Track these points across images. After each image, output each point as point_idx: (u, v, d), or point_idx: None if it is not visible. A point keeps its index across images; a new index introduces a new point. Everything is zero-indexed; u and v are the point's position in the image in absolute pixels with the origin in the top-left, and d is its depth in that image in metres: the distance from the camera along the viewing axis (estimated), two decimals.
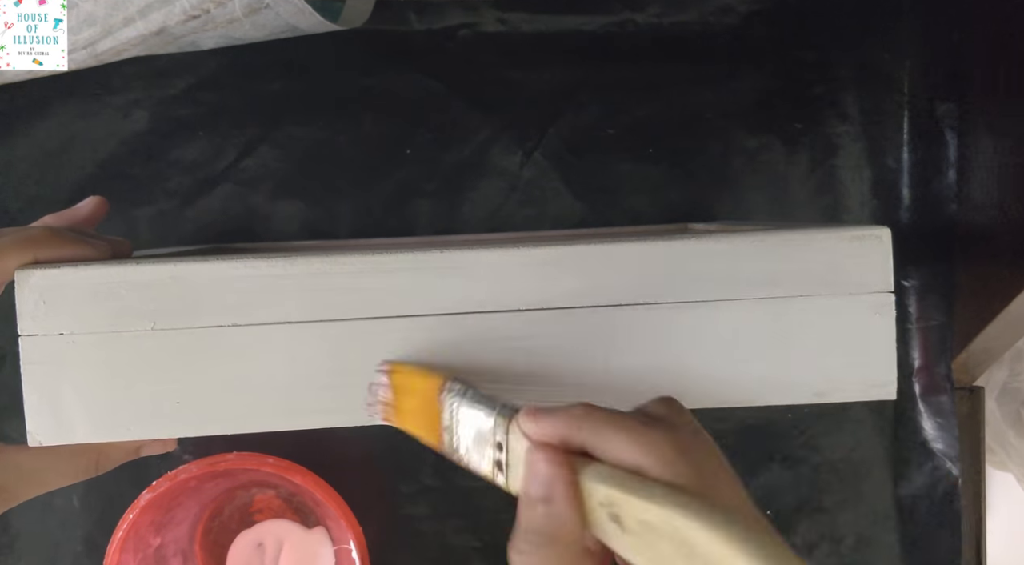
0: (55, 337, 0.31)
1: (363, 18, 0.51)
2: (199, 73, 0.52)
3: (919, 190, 0.54)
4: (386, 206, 0.53)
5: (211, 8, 0.42)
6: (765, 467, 0.54)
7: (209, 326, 0.31)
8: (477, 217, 0.53)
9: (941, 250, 0.54)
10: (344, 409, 0.32)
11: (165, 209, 0.52)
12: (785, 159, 0.54)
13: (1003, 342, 0.52)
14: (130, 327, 0.31)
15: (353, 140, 0.53)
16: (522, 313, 0.32)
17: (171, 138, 0.52)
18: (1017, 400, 0.67)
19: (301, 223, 0.53)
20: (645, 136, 0.54)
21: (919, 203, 0.54)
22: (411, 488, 0.54)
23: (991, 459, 0.69)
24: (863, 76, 0.54)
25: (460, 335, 0.32)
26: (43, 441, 0.31)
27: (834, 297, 0.32)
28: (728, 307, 0.32)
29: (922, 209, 0.54)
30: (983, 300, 0.52)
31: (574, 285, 0.32)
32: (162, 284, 0.31)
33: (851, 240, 0.32)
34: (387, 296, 0.31)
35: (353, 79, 0.53)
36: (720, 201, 0.54)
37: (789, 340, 0.32)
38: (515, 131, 0.53)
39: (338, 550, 0.53)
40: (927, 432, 0.55)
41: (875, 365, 0.32)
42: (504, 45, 0.53)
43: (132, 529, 0.46)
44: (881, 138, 0.54)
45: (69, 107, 0.52)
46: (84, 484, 0.53)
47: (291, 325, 0.31)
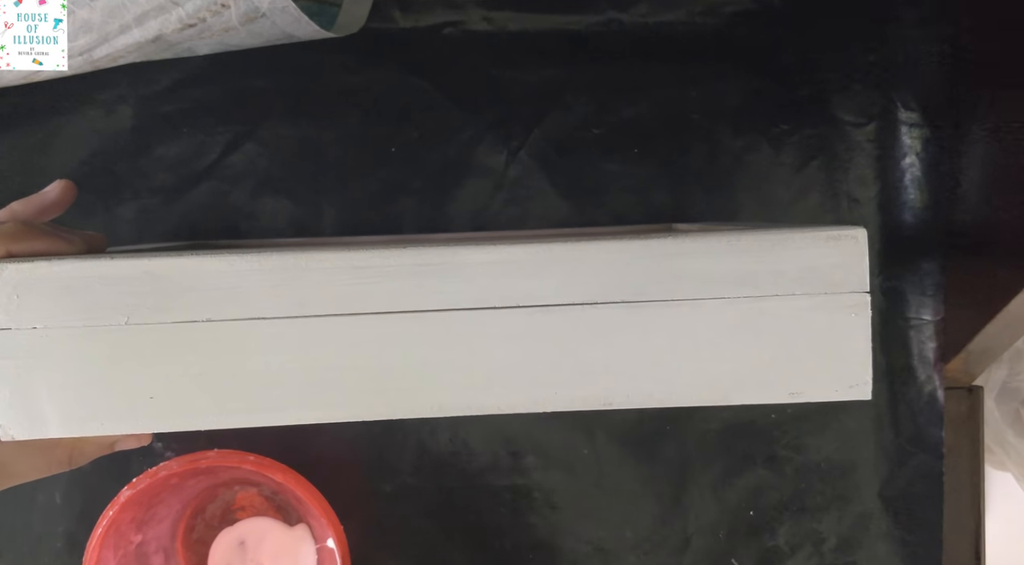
0: (28, 331, 0.31)
1: (358, 25, 0.51)
2: (184, 70, 0.52)
3: (907, 191, 0.54)
4: (371, 204, 0.53)
5: (207, 17, 0.42)
6: (748, 468, 0.55)
7: (183, 321, 0.31)
8: (462, 215, 0.53)
9: (928, 249, 0.55)
10: (318, 405, 0.32)
11: (149, 206, 0.52)
12: (771, 160, 0.54)
13: (1002, 342, 0.53)
14: (103, 322, 0.31)
15: (338, 138, 0.53)
16: (500, 311, 0.32)
17: (155, 135, 0.52)
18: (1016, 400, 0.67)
19: (286, 220, 0.53)
20: (631, 136, 0.54)
21: (907, 203, 0.55)
22: (394, 487, 0.54)
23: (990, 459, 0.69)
24: (849, 77, 0.54)
25: (438, 332, 0.32)
26: (15, 435, 0.31)
27: (810, 297, 0.32)
28: (704, 306, 0.32)
29: (910, 209, 0.54)
30: (978, 300, 0.52)
31: (553, 283, 0.32)
32: (136, 279, 0.31)
33: (827, 240, 0.32)
34: (363, 293, 0.31)
35: (338, 77, 0.53)
36: (706, 202, 0.54)
37: (764, 340, 0.32)
38: (500, 130, 0.53)
39: (320, 548, 0.53)
40: (912, 431, 0.55)
41: (850, 365, 0.32)
42: (490, 44, 0.53)
43: (112, 526, 0.46)
44: (867, 139, 0.54)
45: (53, 103, 0.52)
46: (66, 481, 0.53)
47: (265, 321, 0.31)
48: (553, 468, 0.54)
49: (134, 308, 0.31)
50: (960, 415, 0.56)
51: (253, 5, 0.42)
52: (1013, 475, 0.71)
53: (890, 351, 0.55)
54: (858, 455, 0.55)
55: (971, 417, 0.57)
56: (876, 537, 0.55)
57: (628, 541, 0.54)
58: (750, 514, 0.55)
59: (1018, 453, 0.69)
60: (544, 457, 0.54)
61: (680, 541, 0.55)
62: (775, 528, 0.55)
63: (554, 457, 0.54)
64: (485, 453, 0.54)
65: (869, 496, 0.55)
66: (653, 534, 0.55)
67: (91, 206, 0.52)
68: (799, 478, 0.55)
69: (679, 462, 0.54)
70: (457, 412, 0.32)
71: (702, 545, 0.55)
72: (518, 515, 0.54)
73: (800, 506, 0.55)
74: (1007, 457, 0.70)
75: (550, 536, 0.54)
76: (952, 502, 0.56)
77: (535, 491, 0.54)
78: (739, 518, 0.55)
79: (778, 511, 0.55)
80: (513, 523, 0.54)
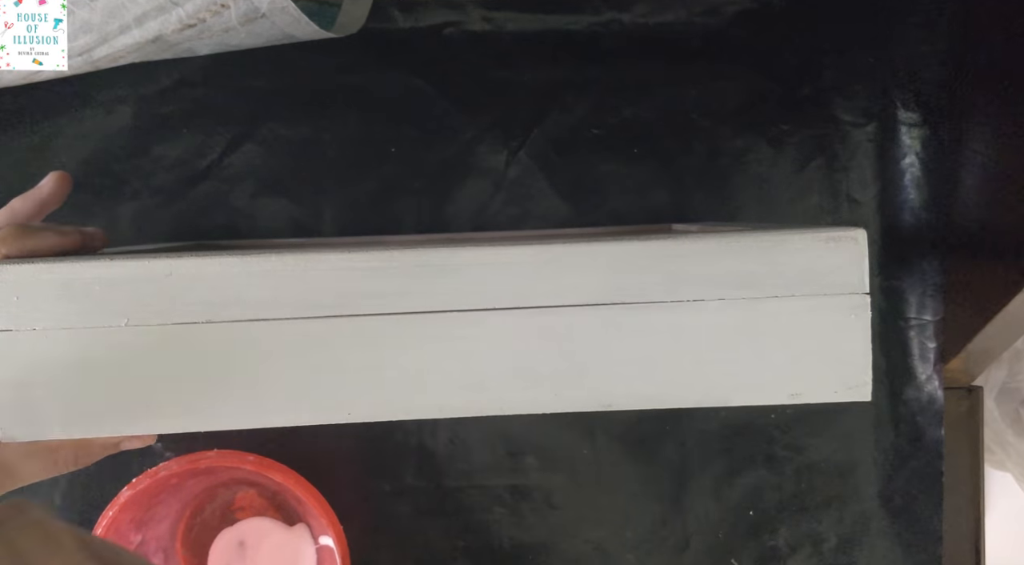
0: (28, 333, 0.31)
1: (358, 25, 0.51)
2: (183, 70, 0.52)
3: (907, 191, 0.54)
4: (371, 204, 0.53)
5: (207, 17, 0.42)
6: (749, 468, 0.55)
7: (183, 322, 0.31)
8: (462, 216, 0.53)
9: (928, 249, 0.55)
10: (318, 406, 0.32)
11: (148, 206, 0.52)
12: (771, 160, 0.54)
13: (1002, 342, 0.53)
14: (104, 323, 0.31)
15: (338, 138, 0.53)
16: (500, 311, 0.32)
17: (155, 135, 0.52)
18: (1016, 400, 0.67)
19: (285, 221, 0.53)
20: (630, 136, 0.54)
21: (907, 203, 0.55)
22: (394, 487, 0.54)
23: (990, 459, 0.69)
24: (849, 77, 0.54)
25: (437, 333, 0.32)
26: (15, 437, 0.31)
27: (810, 298, 0.32)
28: (703, 307, 0.32)
29: (910, 209, 0.54)
30: (978, 300, 0.52)
31: (553, 284, 0.32)
32: (136, 280, 0.31)
33: (827, 241, 0.32)
34: (363, 294, 0.31)
35: (338, 77, 0.53)
36: (706, 202, 0.54)
37: (764, 341, 0.32)
38: (500, 130, 0.53)
39: (320, 548, 0.53)
40: (912, 431, 0.55)
41: (850, 366, 0.32)
42: (489, 44, 0.53)
43: (111, 526, 0.46)
44: (867, 139, 0.54)
45: (53, 103, 0.52)
46: (66, 481, 0.53)
47: (265, 322, 0.31)
48: (553, 468, 0.54)
49: (134, 309, 0.31)
50: (960, 415, 0.57)
51: (253, 5, 0.42)
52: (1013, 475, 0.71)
53: (890, 351, 0.55)
54: (858, 455, 0.55)
55: (971, 417, 0.57)
56: (876, 537, 0.55)
57: (628, 541, 0.54)
58: (750, 514, 0.55)
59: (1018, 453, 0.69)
60: (544, 457, 0.54)
61: (680, 541, 0.55)
62: (775, 528, 0.55)
63: (554, 457, 0.54)
64: (485, 453, 0.54)
65: (869, 496, 0.55)
66: (653, 534, 0.55)
67: (91, 206, 0.52)
68: (799, 478, 0.55)
69: (679, 462, 0.54)
70: (457, 413, 0.32)
71: (702, 545, 0.55)
72: (518, 515, 0.54)
73: (800, 506, 0.55)
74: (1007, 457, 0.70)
75: (550, 536, 0.54)
76: (952, 502, 0.56)
77: (535, 491, 0.54)
78: (739, 518, 0.55)
79: (778, 511, 0.55)
80: (513, 523, 0.54)
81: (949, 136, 0.54)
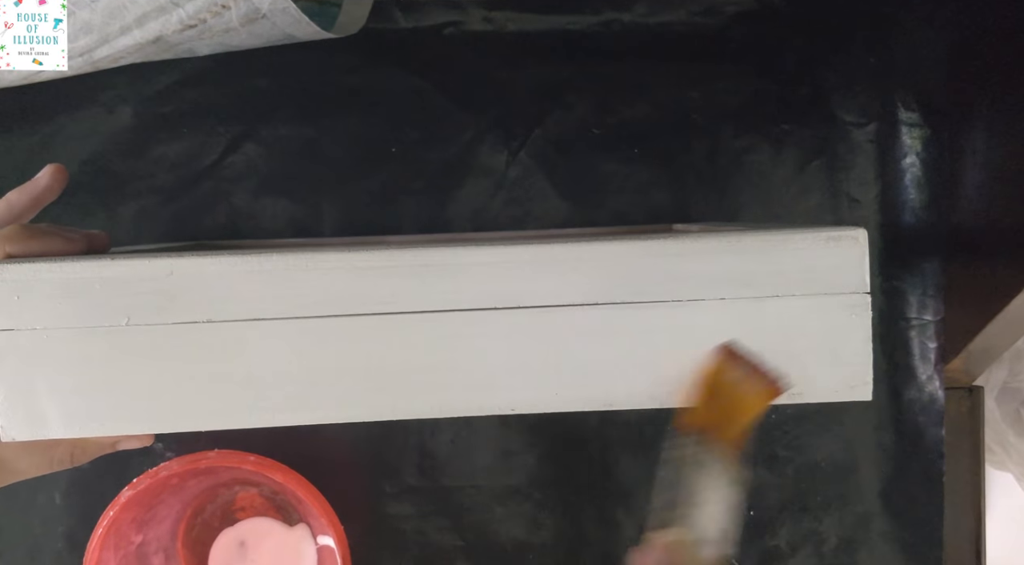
0: (29, 332, 0.31)
1: (358, 26, 0.51)
2: (184, 70, 0.52)
3: (907, 191, 0.54)
4: (372, 204, 0.53)
5: (208, 18, 0.42)
6: (749, 468, 0.54)
7: (183, 322, 0.31)
8: (462, 216, 0.53)
9: (928, 249, 0.55)
10: (318, 406, 0.32)
11: (149, 206, 0.52)
12: (771, 160, 0.54)
13: (1002, 342, 0.53)
14: (104, 322, 0.31)
15: (338, 138, 0.53)
16: (500, 311, 0.32)
17: (155, 135, 0.52)
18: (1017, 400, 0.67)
19: (286, 221, 0.53)
20: (631, 136, 0.54)
21: (907, 203, 0.55)
22: (394, 487, 0.54)
23: (991, 459, 0.69)
24: (849, 77, 0.54)
25: (438, 333, 0.32)
26: (15, 436, 0.31)
27: (810, 297, 0.32)
28: (704, 307, 0.32)
29: (910, 209, 0.54)
30: (978, 300, 0.52)
31: (553, 283, 0.32)
32: (136, 280, 0.31)
33: (827, 241, 0.32)
34: (363, 294, 0.31)
35: (339, 77, 0.53)
36: (706, 202, 0.54)
37: (765, 340, 0.32)
38: (501, 130, 0.53)
39: (320, 548, 0.53)
40: (913, 432, 0.55)
41: (851, 366, 0.32)
42: (490, 44, 0.53)
43: (113, 526, 0.46)
44: (867, 139, 0.54)
45: (53, 102, 0.52)
46: (66, 481, 0.53)
47: (265, 322, 0.31)
48: (553, 468, 0.54)
49: (135, 309, 0.31)
50: (960, 415, 0.56)
51: (253, 6, 0.42)
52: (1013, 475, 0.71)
53: (890, 351, 0.55)
54: (858, 455, 0.55)
55: (971, 417, 0.57)
56: (876, 537, 0.55)
57: (628, 541, 0.54)
58: (750, 514, 0.55)
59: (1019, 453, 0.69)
60: (544, 457, 0.54)
61: None
62: (775, 528, 0.55)
63: (554, 457, 0.54)
64: (485, 453, 0.54)
65: (869, 496, 0.55)
66: None
67: (91, 206, 0.52)
68: (799, 478, 0.55)
69: None
70: (457, 412, 0.32)
71: None
72: (518, 515, 0.54)
73: (800, 506, 0.55)
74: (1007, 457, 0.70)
75: (550, 536, 0.54)
76: (952, 502, 0.56)
77: (535, 491, 0.54)
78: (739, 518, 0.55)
79: (778, 511, 0.55)
80: (513, 523, 0.54)
81: (949, 136, 0.54)
